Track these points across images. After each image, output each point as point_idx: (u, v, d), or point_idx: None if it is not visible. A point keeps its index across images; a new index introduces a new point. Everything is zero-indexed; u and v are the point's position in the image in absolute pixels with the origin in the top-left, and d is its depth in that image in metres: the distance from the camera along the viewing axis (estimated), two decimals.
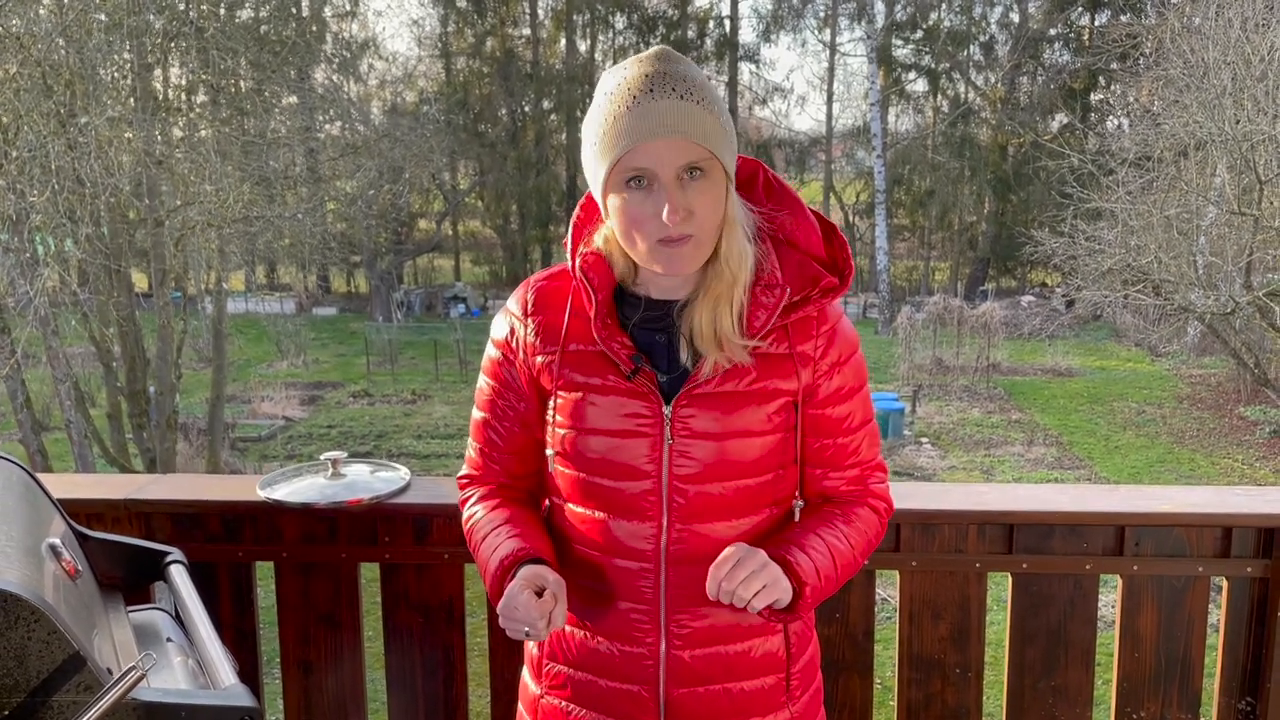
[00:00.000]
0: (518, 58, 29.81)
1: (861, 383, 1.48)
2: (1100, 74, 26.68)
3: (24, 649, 1.04)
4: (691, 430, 1.38)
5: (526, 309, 1.46)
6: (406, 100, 28.99)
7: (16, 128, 9.44)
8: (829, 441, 1.46)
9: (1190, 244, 12.66)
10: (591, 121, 1.33)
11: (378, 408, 17.70)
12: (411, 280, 31.39)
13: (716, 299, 1.36)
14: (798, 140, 33.42)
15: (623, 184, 1.30)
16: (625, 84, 1.29)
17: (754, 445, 1.40)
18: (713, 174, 1.30)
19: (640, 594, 1.43)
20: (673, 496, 1.40)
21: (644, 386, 1.38)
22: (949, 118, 30.06)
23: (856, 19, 30.10)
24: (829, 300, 1.41)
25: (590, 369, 1.41)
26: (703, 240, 1.32)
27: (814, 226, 1.43)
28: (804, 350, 1.41)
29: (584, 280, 1.39)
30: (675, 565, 1.41)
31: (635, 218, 1.31)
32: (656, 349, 1.41)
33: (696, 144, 1.28)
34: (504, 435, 1.51)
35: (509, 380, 1.49)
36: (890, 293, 26.71)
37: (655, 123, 1.26)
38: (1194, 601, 2.02)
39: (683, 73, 1.30)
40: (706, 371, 1.37)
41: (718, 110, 1.31)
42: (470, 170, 31.12)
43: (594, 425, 1.41)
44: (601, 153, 1.30)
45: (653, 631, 1.44)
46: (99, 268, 10.65)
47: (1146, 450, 14.70)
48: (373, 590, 2.13)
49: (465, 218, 32.59)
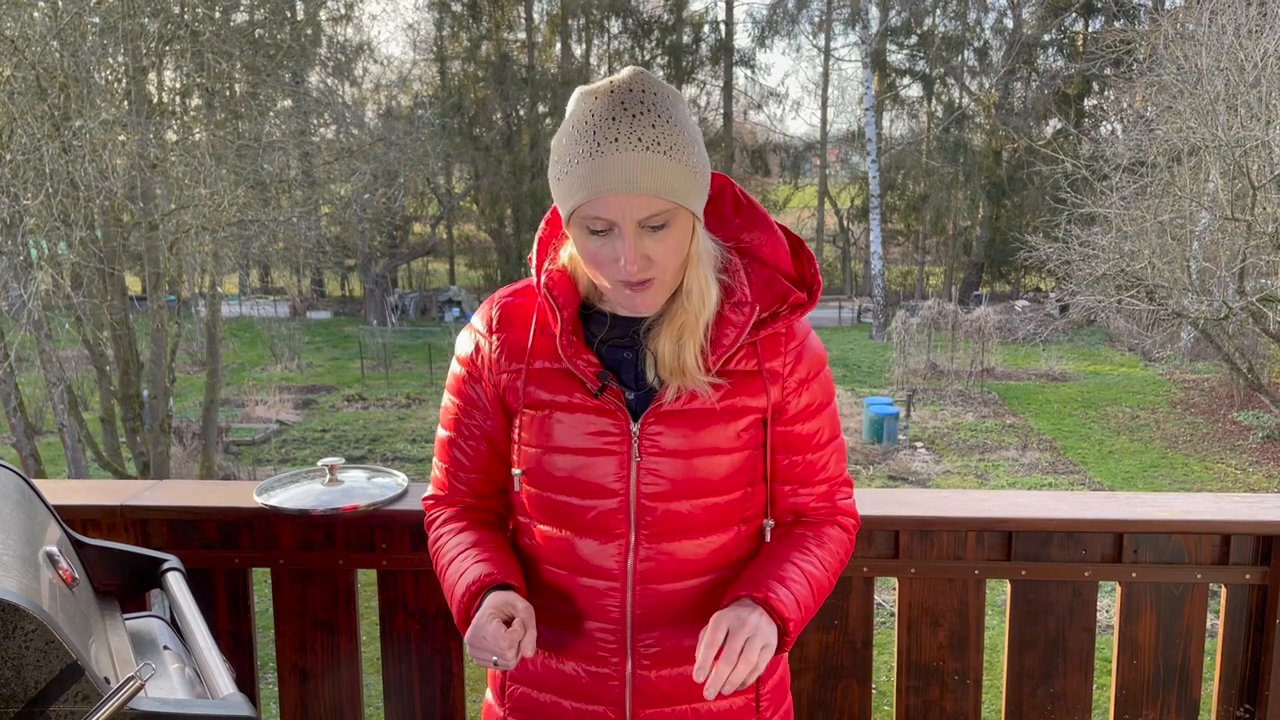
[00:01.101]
0: (513, 62, 29.83)
1: (829, 399, 1.47)
2: (1094, 80, 26.78)
3: (22, 658, 1.03)
4: (660, 448, 1.37)
5: (491, 326, 1.44)
6: (401, 104, 29.00)
7: (10, 130, 9.42)
8: (798, 458, 1.45)
9: (1184, 249, 12.71)
10: (558, 149, 1.29)
11: (372, 411, 17.68)
12: (406, 284, 31.38)
13: (680, 329, 1.34)
14: (792, 145, 33.52)
15: (584, 228, 1.28)
16: (591, 124, 1.25)
17: (723, 463, 1.39)
18: (676, 221, 1.27)
19: (606, 613, 1.41)
20: (641, 515, 1.38)
21: (611, 404, 1.36)
22: (943, 123, 30.15)
23: (851, 24, 30.20)
24: (797, 316, 1.40)
25: (556, 386, 1.39)
26: (665, 281, 1.31)
27: (781, 242, 1.42)
28: (773, 367, 1.40)
29: (548, 297, 1.37)
30: (643, 584, 1.40)
31: (596, 260, 1.29)
32: (624, 366, 1.39)
33: (659, 198, 1.24)
34: (470, 454, 1.48)
35: (474, 398, 1.46)
36: (884, 297, 26.76)
37: (618, 177, 1.22)
38: (1193, 608, 2.02)
39: (651, 118, 1.24)
40: (670, 397, 1.36)
41: (684, 156, 1.26)
42: (465, 174, 31.14)
43: (561, 443, 1.39)
44: (565, 193, 1.28)
45: (619, 651, 1.42)
46: (93, 271, 10.62)
47: (1140, 455, 14.74)
48: (370, 596, 2.12)
49: (460, 221, 32.60)
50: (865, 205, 29.24)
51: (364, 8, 32.20)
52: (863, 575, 2.02)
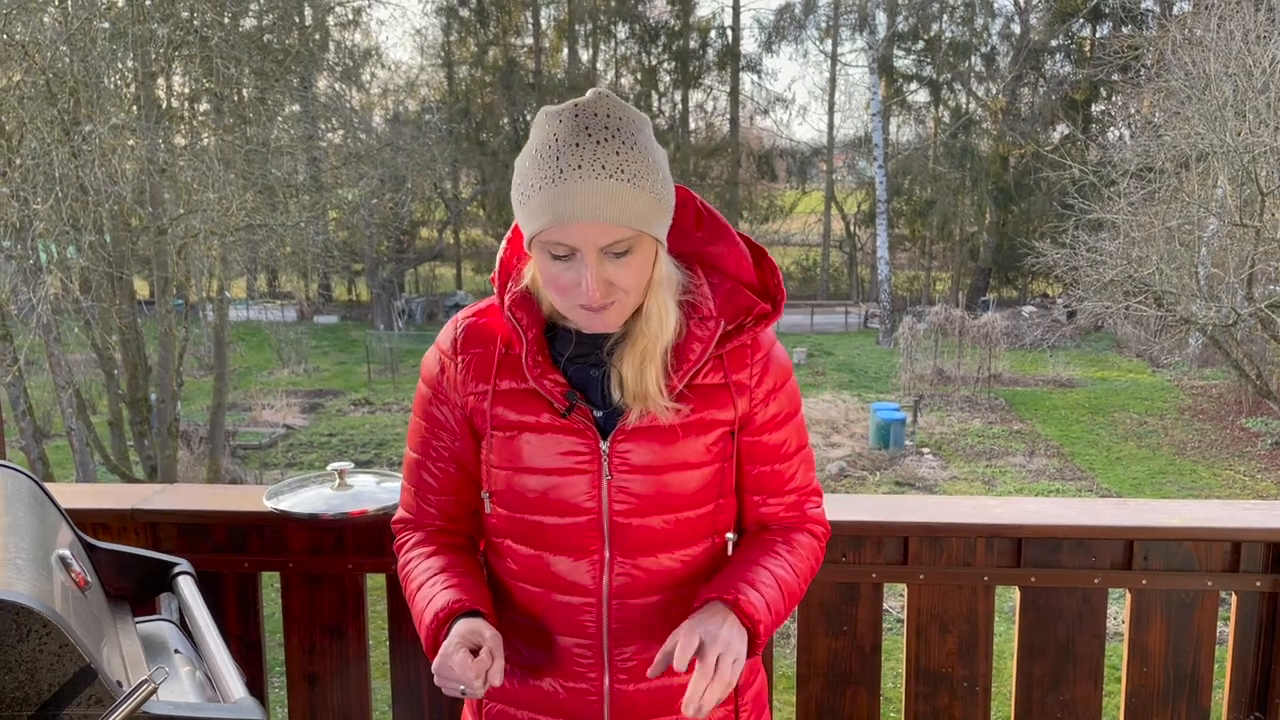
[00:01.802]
0: (520, 67, 29.89)
1: (796, 408, 1.47)
2: (1102, 85, 26.75)
3: (35, 662, 1.04)
4: (630, 465, 1.37)
5: (457, 346, 1.43)
6: (409, 109, 29.06)
7: (20, 135, 9.46)
8: (766, 468, 1.45)
9: (1192, 255, 12.68)
10: (520, 171, 1.28)
11: (378, 416, 17.71)
12: (413, 288, 31.44)
13: (641, 353, 1.33)
14: (799, 150, 33.51)
15: (546, 253, 1.27)
16: (555, 149, 1.23)
17: (694, 477, 1.39)
18: (639, 247, 1.27)
19: (583, 629, 1.41)
20: (614, 532, 1.38)
21: (579, 423, 1.36)
22: (950, 128, 30.14)
23: (858, 30, 30.19)
24: (762, 328, 1.39)
25: (524, 407, 1.38)
26: (625, 303, 1.30)
27: (744, 253, 1.41)
28: (739, 379, 1.40)
29: (513, 319, 1.37)
30: (618, 599, 1.40)
31: (558, 285, 1.28)
32: (590, 384, 1.38)
33: (622, 226, 1.24)
34: (438, 476, 1.47)
35: (441, 419, 1.45)
36: (891, 303, 26.73)
37: (580, 204, 1.21)
38: (1203, 616, 2.02)
39: (615, 144, 1.23)
40: (634, 419, 1.35)
41: (648, 183, 1.24)
42: (472, 179, 31.20)
43: (530, 464, 1.38)
44: (526, 217, 1.27)
45: (596, 666, 1.42)
46: (101, 275, 10.66)
47: (1148, 461, 14.69)
48: (378, 601, 2.12)
49: (467, 226, 32.64)
50: (872, 211, 29.23)
51: (372, 13, 32.31)
52: (871, 581, 2.02)
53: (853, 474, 14.00)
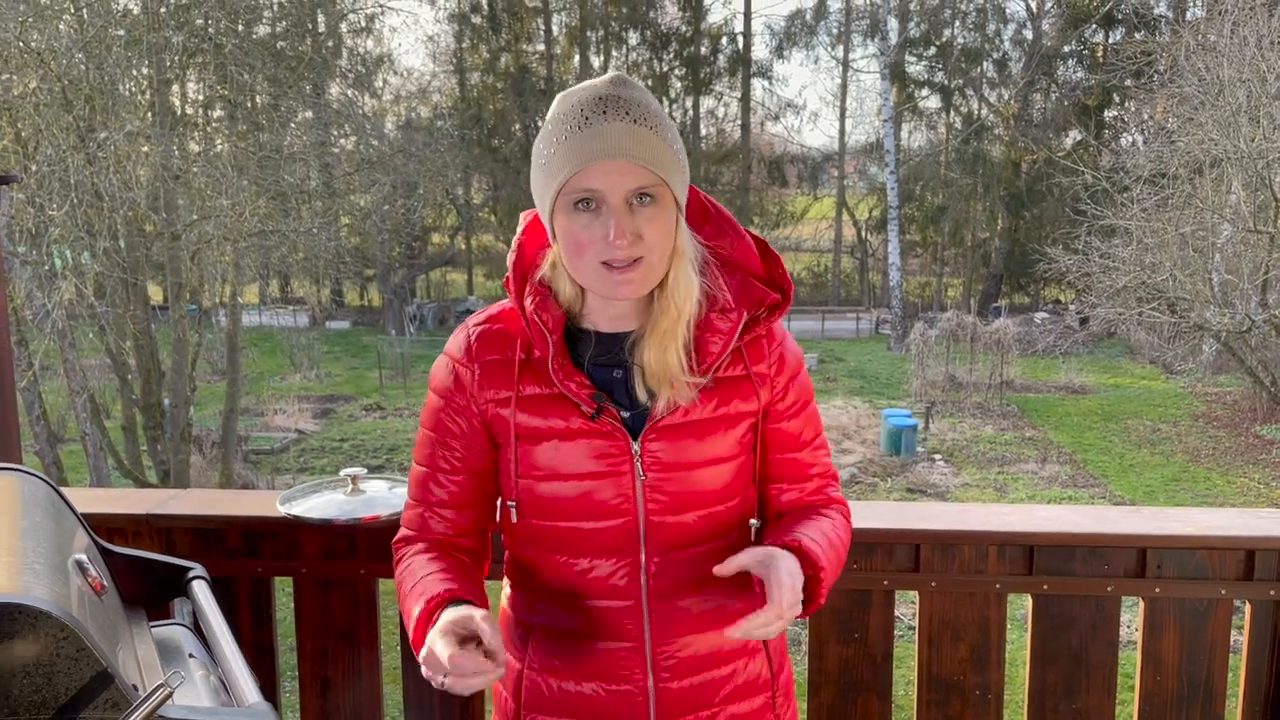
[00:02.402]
0: (532, 73, 29.97)
1: (810, 396, 1.49)
2: (1114, 91, 26.66)
3: (52, 666, 1.05)
4: (662, 463, 1.36)
5: (471, 353, 1.40)
6: (421, 115, 29.18)
7: (36, 142, 9.53)
8: (789, 456, 1.46)
9: (1205, 261, 12.62)
10: (541, 143, 1.29)
11: (390, 421, 17.74)
12: (424, 294, 31.51)
13: (664, 335, 1.33)
14: (810, 156, 33.51)
15: (570, 206, 1.26)
16: (577, 105, 1.26)
17: (723, 471, 1.39)
18: (663, 201, 1.27)
19: (624, 632, 1.40)
20: (649, 531, 1.37)
21: (608, 425, 1.35)
22: (962, 134, 30.07)
23: (870, 36, 30.19)
24: (776, 318, 1.41)
25: (550, 412, 1.36)
26: (651, 265, 1.29)
27: (750, 246, 1.41)
28: (760, 370, 1.41)
29: (538, 320, 1.34)
30: (657, 600, 1.39)
31: (581, 240, 1.27)
32: (614, 385, 1.37)
33: (647, 169, 1.24)
34: (449, 490, 1.43)
35: (454, 429, 1.42)
36: (903, 309, 26.66)
37: (607, 144, 1.23)
38: (1217, 624, 2.00)
39: (636, 98, 1.27)
40: (661, 409, 1.35)
41: (670, 138, 1.28)
42: (484, 185, 31.27)
43: (561, 470, 1.36)
44: (551, 173, 1.27)
45: (639, 667, 1.41)
46: (116, 281, 10.72)
47: (1162, 469, 14.61)
48: (391, 606, 2.12)
49: (478, 232, 32.73)
50: (883, 217, 29.18)
51: (384, 20, 32.45)
52: (883, 588, 2.02)
53: (864, 480, 13.96)
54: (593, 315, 1.38)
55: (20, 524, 1.30)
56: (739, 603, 1.41)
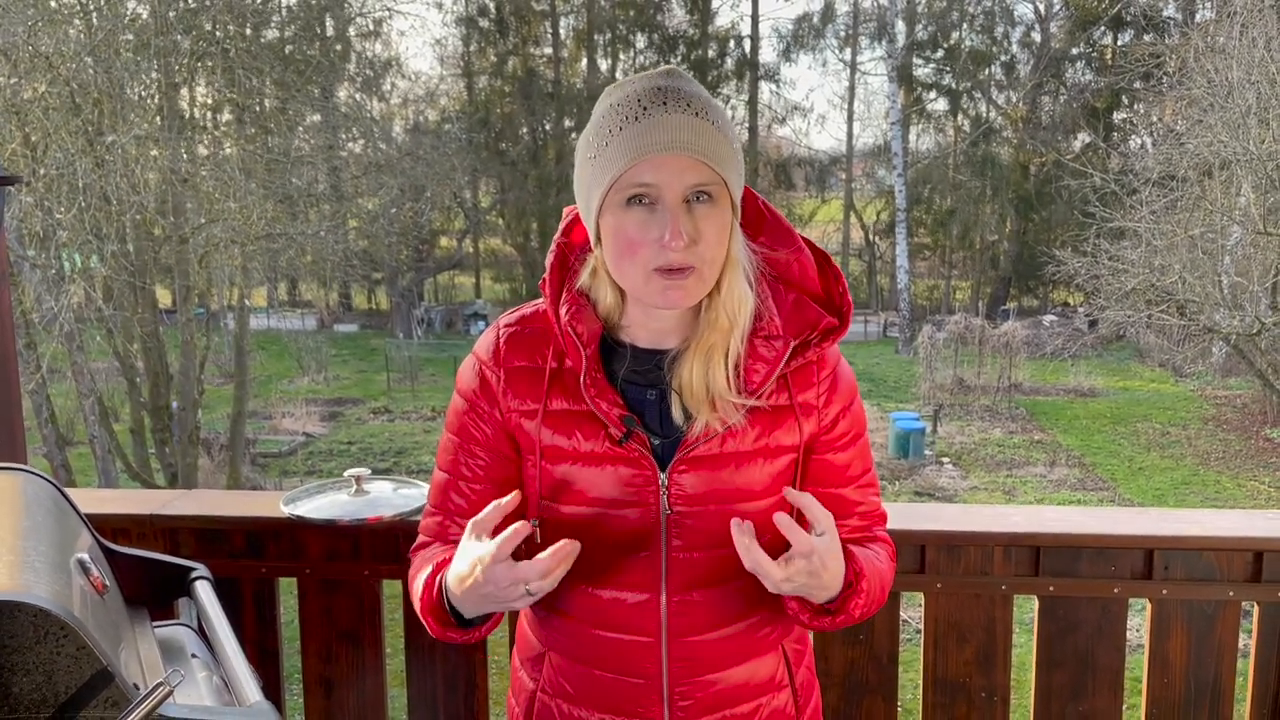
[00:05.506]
0: (539, 77, 29.99)
1: (863, 428, 1.38)
2: (1123, 93, 26.58)
3: (53, 665, 1.05)
4: (689, 497, 1.26)
5: (499, 356, 1.32)
6: (429, 119, 29.22)
7: (45, 146, 9.57)
8: (833, 491, 1.35)
9: (1215, 264, 12.57)
10: (590, 136, 1.20)
11: (398, 424, 17.76)
12: (432, 297, 31.54)
13: (710, 350, 1.23)
14: (818, 159, 33.46)
15: (623, 203, 1.17)
16: (633, 96, 1.17)
17: (757, 507, 1.27)
18: (720, 201, 1.18)
19: (641, 668, 1.33)
20: (671, 567, 1.29)
21: (635, 451, 1.26)
22: (970, 137, 30.03)
23: (877, 38, 30.15)
24: (829, 344, 1.29)
25: (575, 431, 1.27)
26: (704, 274, 1.19)
27: (809, 260, 1.30)
28: (806, 400, 1.30)
29: (572, 331, 1.25)
30: (677, 637, 1.31)
31: (632, 240, 1.18)
32: (648, 407, 1.27)
33: (708, 164, 1.15)
34: (471, 498, 1.35)
35: (477, 435, 1.34)
36: (911, 311, 26.62)
37: (667, 136, 1.14)
38: (1224, 626, 1.99)
39: (696, 90, 1.19)
40: (698, 432, 1.25)
41: (731, 135, 1.19)
42: (491, 188, 31.30)
43: (583, 494, 1.28)
44: (602, 167, 1.17)
45: (656, 704, 1.34)
46: (124, 284, 10.76)
47: (1171, 472, 14.55)
48: (395, 608, 2.12)
49: (486, 235, 32.76)
50: (891, 219, 29.13)
51: (392, 24, 32.58)
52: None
53: None
54: (632, 328, 1.29)
55: (22, 523, 1.30)
56: (763, 636, 1.37)
